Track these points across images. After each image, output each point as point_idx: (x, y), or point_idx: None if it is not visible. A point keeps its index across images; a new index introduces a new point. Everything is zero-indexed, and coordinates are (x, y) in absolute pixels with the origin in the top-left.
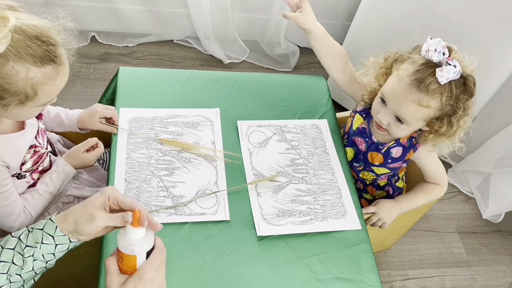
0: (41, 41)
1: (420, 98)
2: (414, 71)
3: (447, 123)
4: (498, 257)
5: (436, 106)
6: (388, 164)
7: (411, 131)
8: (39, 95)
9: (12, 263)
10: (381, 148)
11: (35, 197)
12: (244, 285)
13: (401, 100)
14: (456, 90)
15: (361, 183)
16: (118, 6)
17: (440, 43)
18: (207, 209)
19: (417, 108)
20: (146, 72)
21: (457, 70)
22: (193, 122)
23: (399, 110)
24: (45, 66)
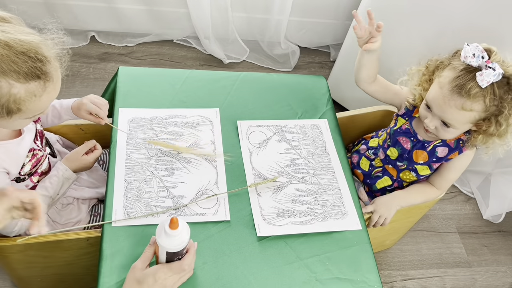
0: (28, 57)
1: (463, 103)
2: (455, 77)
3: (495, 122)
4: (498, 257)
5: (480, 108)
6: (432, 163)
7: (460, 133)
8: (23, 111)
9: None
10: (427, 146)
11: None
12: (244, 285)
13: (444, 106)
14: (499, 90)
15: (398, 184)
16: (118, 6)
17: (477, 48)
18: (208, 209)
19: (461, 113)
20: (145, 72)
21: (497, 72)
22: (193, 122)
23: (444, 116)
24: (29, 83)
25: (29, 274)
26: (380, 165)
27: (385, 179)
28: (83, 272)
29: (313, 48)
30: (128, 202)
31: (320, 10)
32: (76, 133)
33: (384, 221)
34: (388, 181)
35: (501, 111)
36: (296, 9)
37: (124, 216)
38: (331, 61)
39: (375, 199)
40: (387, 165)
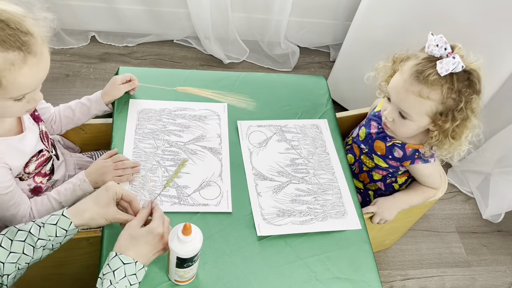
0: (7, 25)
1: (420, 89)
2: (415, 64)
3: (451, 118)
4: (498, 257)
5: (437, 98)
6: (388, 160)
7: (416, 129)
8: (4, 84)
9: (23, 253)
10: (388, 140)
11: (45, 203)
12: (245, 284)
13: (402, 92)
14: (459, 83)
15: (358, 167)
16: (118, 6)
17: (442, 39)
18: (210, 200)
19: (418, 100)
20: (146, 72)
21: (457, 61)
22: (201, 115)
23: (401, 104)
24: (8, 51)
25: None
26: (350, 143)
27: (349, 156)
28: (83, 272)
29: (313, 48)
30: (133, 189)
31: (320, 10)
32: (76, 133)
33: (384, 222)
34: (352, 159)
35: (458, 106)
36: (296, 9)
37: None
38: (331, 61)
39: (377, 199)
40: (354, 144)
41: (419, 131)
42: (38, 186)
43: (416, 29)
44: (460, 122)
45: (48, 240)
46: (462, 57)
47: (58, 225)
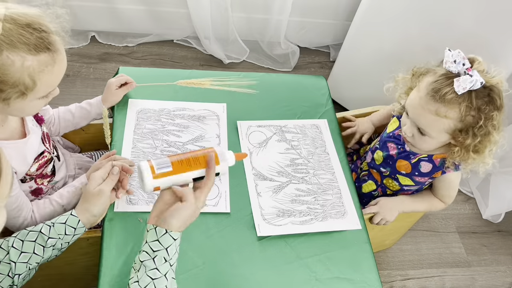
0: (33, 29)
1: (437, 108)
2: (432, 81)
3: (472, 135)
4: (498, 257)
5: (455, 116)
6: (414, 177)
7: (436, 144)
8: (38, 85)
9: (34, 253)
10: (412, 158)
11: (47, 206)
12: (244, 285)
13: (419, 109)
14: (478, 100)
15: (381, 191)
16: (118, 6)
17: (459, 54)
18: (209, 201)
19: (435, 119)
20: (146, 72)
21: (475, 79)
22: (200, 115)
23: (418, 121)
24: (40, 54)
25: None
26: (366, 168)
27: (370, 183)
28: (83, 272)
29: (313, 48)
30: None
31: (320, 10)
32: (76, 133)
33: (385, 222)
34: (373, 185)
35: (477, 123)
36: (296, 9)
37: (127, 203)
38: (331, 61)
39: (380, 199)
40: (372, 169)
41: (440, 146)
42: (39, 187)
43: (417, 29)
44: (482, 138)
45: (58, 239)
46: (481, 72)
47: (67, 224)
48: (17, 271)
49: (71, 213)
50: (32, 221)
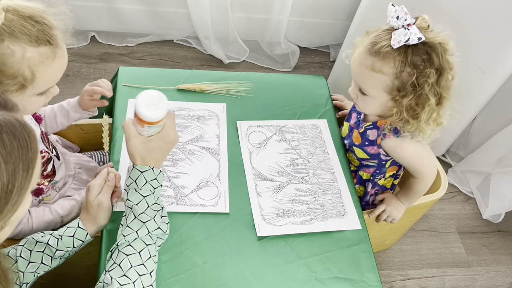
0: (35, 21)
1: (373, 62)
2: (373, 36)
3: (410, 94)
4: (498, 257)
5: (390, 72)
6: (366, 147)
7: (378, 106)
8: (37, 78)
9: (42, 263)
10: (360, 127)
11: (46, 214)
12: (244, 284)
13: (357, 67)
14: (414, 57)
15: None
16: (118, 6)
17: (402, 9)
18: (208, 201)
19: (371, 74)
20: (146, 72)
21: (412, 32)
22: (199, 115)
23: (358, 80)
24: (40, 46)
25: None
26: None
27: None
28: (83, 272)
29: (313, 48)
30: None
31: (320, 10)
32: (76, 133)
33: (392, 220)
34: None
35: (415, 82)
36: (296, 9)
37: None
38: (331, 61)
39: (386, 197)
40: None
41: (383, 110)
42: (39, 188)
43: None
44: (418, 99)
45: (66, 251)
46: (424, 29)
47: (75, 237)
48: (25, 280)
49: (78, 225)
50: (28, 226)
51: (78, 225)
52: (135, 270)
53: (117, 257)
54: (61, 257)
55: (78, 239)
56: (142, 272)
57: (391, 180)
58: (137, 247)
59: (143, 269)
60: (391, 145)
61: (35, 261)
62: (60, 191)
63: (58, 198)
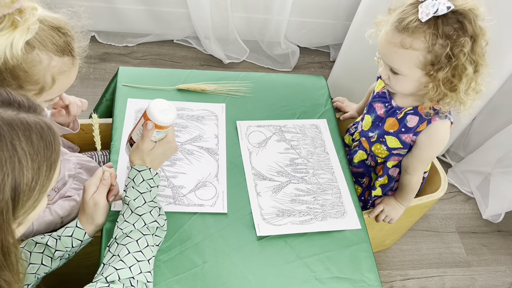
0: (62, 33)
1: (402, 39)
2: (399, 12)
3: (445, 67)
4: (498, 257)
5: (422, 46)
6: (401, 135)
7: (413, 84)
8: (55, 86)
9: (42, 264)
10: (397, 113)
11: (46, 215)
12: (244, 284)
13: (386, 46)
14: (445, 27)
15: (371, 160)
16: (118, 6)
17: None
18: (206, 201)
19: (402, 52)
20: (146, 72)
21: (438, 3)
22: (198, 115)
23: (388, 59)
24: (64, 57)
25: None
26: (358, 138)
27: (360, 153)
28: (83, 272)
29: (313, 48)
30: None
31: (320, 10)
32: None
33: (390, 220)
34: (364, 155)
35: (450, 53)
36: (296, 9)
37: None
38: (331, 61)
39: (384, 198)
40: (362, 138)
41: (418, 87)
42: None
43: None
44: (454, 70)
45: (65, 251)
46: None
47: (74, 237)
48: (26, 281)
49: (76, 225)
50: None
51: (76, 225)
52: (133, 255)
53: (116, 249)
54: (60, 257)
55: (76, 239)
56: (140, 258)
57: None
58: (134, 237)
59: (140, 255)
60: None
61: (35, 262)
62: (60, 191)
63: (58, 199)
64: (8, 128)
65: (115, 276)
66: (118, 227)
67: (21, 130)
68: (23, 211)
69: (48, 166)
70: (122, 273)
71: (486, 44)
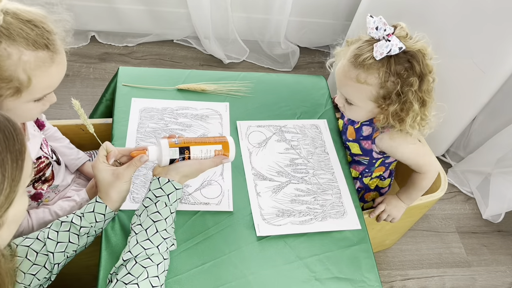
0: (34, 25)
1: (357, 74)
2: (355, 48)
3: (395, 102)
4: (498, 257)
5: (375, 82)
6: (361, 141)
7: (366, 113)
8: (33, 83)
9: (69, 242)
10: (356, 122)
11: (46, 215)
12: (244, 284)
13: (342, 79)
14: (397, 66)
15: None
16: (118, 6)
17: (381, 20)
18: (211, 199)
19: (356, 86)
20: (146, 72)
21: (393, 43)
22: (202, 114)
23: (344, 91)
24: (38, 50)
25: None
26: None
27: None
28: (83, 272)
29: (313, 48)
30: (134, 188)
31: (320, 10)
32: (76, 133)
33: (392, 220)
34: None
35: (400, 90)
36: (296, 9)
37: (130, 201)
38: None
39: (386, 197)
40: None
41: (370, 116)
42: (38, 192)
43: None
44: (403, 106)
45: (90, 227)
46: (403, 38)
47: (96, 211)
48: (56, 260)
49: (96, 200)
50: (28, 228)
51: (96, 199)
52: (149, 281)
53: (132, 268)
54: (87, 234)
55: (99, 213)
56: (155, 284)
57: (376, 181)
58: (155, 260)
59: (156, 281)
60: (386, 145)
61: (62, 240)
62: (59, 193)
63: (58, 199)
64: None
65: None
66: (139, 243)
67: None
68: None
69: (14, 157)
70: None
71: (433, 81)
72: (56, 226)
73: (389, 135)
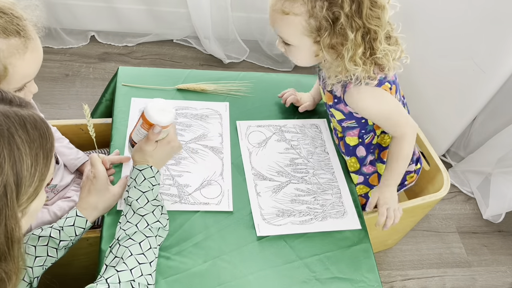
0: (3, 13)
1: (282, 4)
2: None
3: (329, 32)
4: (498, 257)
5: (302, 10)
6: (337, 106)
7: (306, 54)
8: (10, 72)
9: (48, 255)
10: (327, 84)
11: (44, 216)
12: (244, 284)
13: (272, 15)
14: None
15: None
16: (118, 6)
17: None
18: (211, 199)
19: (285, 19)
20: (145, 72)
21: None
22: (202, 114)
23: (276, 29)
24: (10, 38)
25: None
26: None
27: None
28: (83, 272)
29: None
30: None
31: None
32: (76, 133)
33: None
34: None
35: (332, 15)
36: None
37: None
38: None
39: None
40: None
41: (314, 58)
42: None
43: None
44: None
45: (69, 241)
46: None
47: (76, 226)
48: (35, 274)
49: (76, 214)
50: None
51: (76, 214)
52: (135, 258)
53: (118, 251)
54: (65, 247)
55: (79, 227)
56: (141, 260)
57: (384, 136)
58: (137, 239)
59: (142, 258)
60: (353, 100)
61: (41, 255)
62: (59, 193)
63: (57, 200)
64: (3, 117)
65: (115, 278)
66: (120, 228)
67: (16, 120)
68: (26, 197)
69: (45, 154)
70: (123, 276)
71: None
72: (33, 241)
73: (357, 89)
